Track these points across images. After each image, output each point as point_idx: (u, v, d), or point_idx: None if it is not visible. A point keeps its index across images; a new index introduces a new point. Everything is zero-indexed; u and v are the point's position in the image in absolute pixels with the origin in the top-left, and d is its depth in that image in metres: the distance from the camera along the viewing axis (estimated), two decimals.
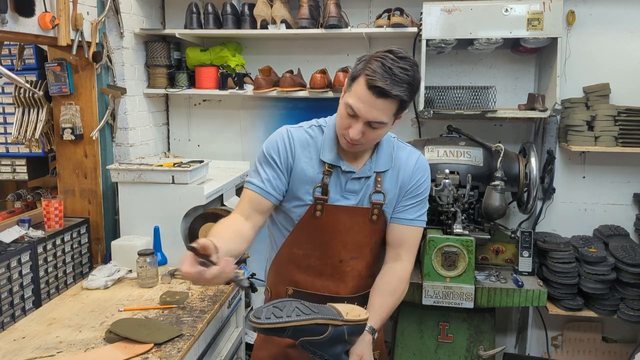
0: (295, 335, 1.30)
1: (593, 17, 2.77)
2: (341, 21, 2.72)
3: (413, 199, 1.54)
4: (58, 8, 2.18)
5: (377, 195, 1.50)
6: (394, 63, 1.30)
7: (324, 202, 1.47)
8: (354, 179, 1.49)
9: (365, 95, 1.31)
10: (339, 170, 1.48)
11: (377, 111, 1.33)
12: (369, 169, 1.49)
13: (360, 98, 1.32)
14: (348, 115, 1.36)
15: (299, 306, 1.31)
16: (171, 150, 3.30)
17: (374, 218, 1.51)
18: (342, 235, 1.50)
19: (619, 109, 2.63)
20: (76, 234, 2.48)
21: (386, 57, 1.31)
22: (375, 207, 1.50)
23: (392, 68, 1.29)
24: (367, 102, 1.32)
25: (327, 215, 1.48)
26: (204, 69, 2.96)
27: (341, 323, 1.30)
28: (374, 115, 1.34)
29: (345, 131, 1.39)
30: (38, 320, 1.84)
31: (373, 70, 1.30)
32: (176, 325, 1.78)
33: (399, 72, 1.30)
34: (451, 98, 2.73)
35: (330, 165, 1.47)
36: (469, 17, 2.53)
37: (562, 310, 2.61)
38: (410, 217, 1.54)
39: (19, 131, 2.59)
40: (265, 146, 1.52)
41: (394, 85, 1.29)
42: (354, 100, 1.34)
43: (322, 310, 1.32)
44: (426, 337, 2.51)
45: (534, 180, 2.52)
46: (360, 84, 1.32)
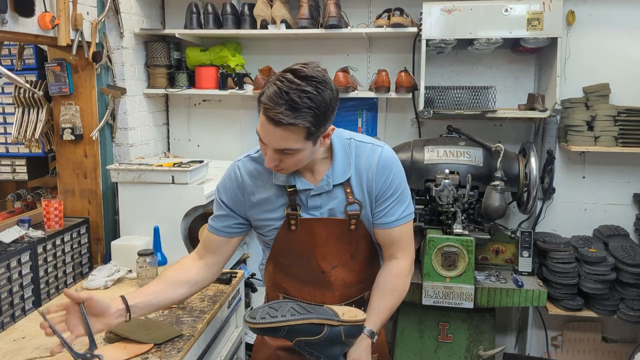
0: (290, 335, 1.29)
1: (593, 17, 2.77)
2: (341, 21, 2.72)
3: (387, 200, 1.43)
4: (58, 8, 2.18)
5: (352, 207, 1.42)
6: (291, 86, 1.17)
7: (297, 216, 1.43)
8: (314, 196, 1.41)
9: (265, 124, 1.22)
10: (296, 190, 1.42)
11: (281, 140, 1.23)
12: (327, 183, 1.40)
13: (263, 126, 1.24)
14: (261, 142, 1.30)
15: (295, 306, 1.31)
16: (171, 150, 3.30)
17: (352, 228, 1.45)
18: (320, 246, 1.45)
19: (619, 109, 2.63)
20: (76, 234, 2.48)
21: (284, 79, 1.18)
22: (352, 217, 1.42)
23: (289, 92, 1.17)
24: (267, 131, 1.23)
25: (302, 229, 1.44)
26: (204, 69, 2.96)
27: (337, 323, 1.29)
28: (279, 143, 1.24)
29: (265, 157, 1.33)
30: (38, 320, 1.83)
31: (268, 97, 1.19)
32: (176, 325, 1.78)
33: (297, 97, 1.17)
34: (451, 98, 2.73)
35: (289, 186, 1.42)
36: (469, 17, 2.53)
37: (562, 311, 2.61)
38: (390, 219, 1.44)
39: (18, 131, 2.59)
40: (217, 187, 1.55)
41: (291, 112, 1.17)
42: (259, 128, 1.26)
43: (318, 311, 1.31)
44: (426, 337, 2.51)
45: (533, 180, 2.52)
46: (261, 112, 1.23)
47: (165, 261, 2.41)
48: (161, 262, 2.35)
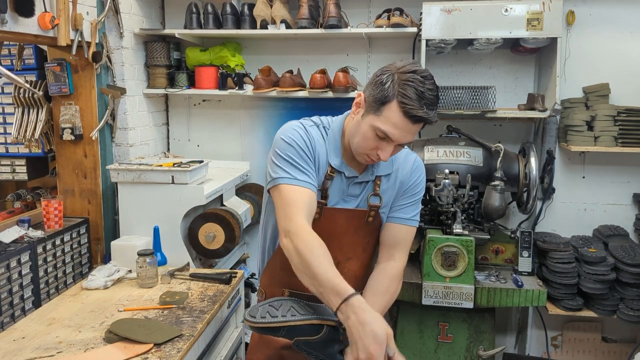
0: (290, 334, 1.29)
1: (593, 17, 2.77)
2: (341, 21, 2.72)
3: (410, 197, 1.54)
4: (58, 8, 2.18)
5: (374, 198, 1.50)
6: (423, 86, 1.28)
7: (322, 205, 1.46)
8: (356, 184, 1.49)
9: (402, 122, 1.30)
10: (343, 176, 1.47)
11: (412, 134, 1.34)
12: (371, 173, 1.49)
13: (396, 125, 1.31)
14: (377, 137, 1.34)
15: (295, 305, 1.31)
16: (171, 150, 3.30)
17: (370, 220, 1.51)
18: (339, 237, 1.50)
19: (619, 109, 2.63)
20: (76, 234, 2.48)
21: (415, 80, 1.29)
22: (372, 209, 1.50)
23: (424, 92, 1.28)
24: (403, 128, 1.31)
25: (325, 218, 1.47)
26: (204, 69, 2.96)
27: (336, 323, 1.29)
28: (408, 138, 1.34)
29: (371, 152, 1.38)
30: (38, 321, 1.84)
31: (409, 97, 1.28)
32: (176, 325, 1.78)
33: (430, 95, 1.29)
34: (451, 98, 2.73)
35: (332, 170, 1.46)
36: (469, 17, 2.53)
37: (561, 310, 2.61)
38: (406, 216, 1.54)
39: (18, 131, 2.59)
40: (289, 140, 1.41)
41: (430, 110, 1.29)
42: (389, 126, 1.31)
43: (317, 310, 1.31)
44: (426, 337, 2.51)
45: (533, 180, 2.52)
46: (395, 111, 1.30)
47: (165, 261, 2.41)
48: (161, 262, 2.35)
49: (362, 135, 1.37)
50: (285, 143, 1.42)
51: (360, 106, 1.40)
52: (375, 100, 1.33)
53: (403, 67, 1.31)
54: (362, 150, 1.39)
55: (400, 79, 1.29)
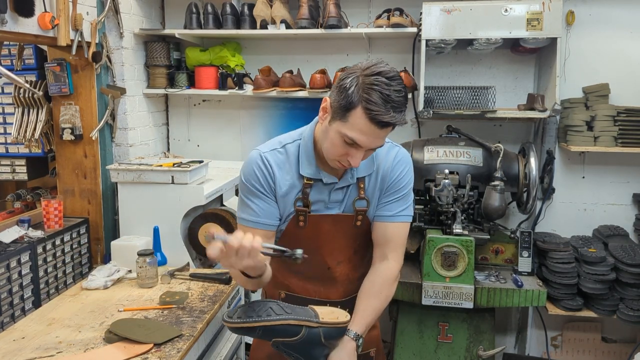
0: (267, 335, 1.27)
1: (592, 18, 2.77)
2: (341, 21, 2.72)
3: (394, 194, 1.48)
4: (58, 8, 2.18)
5: (360, 202, 1.46)
6: (389, 88, 1.22)
7: (306, 213, 1.44)
8: (337, 189, 1.45)
9: (369, 128, 1.24)
10: (320, 183, 1.44)
11: (381, 139, 1.30)
12: (351, 176, 1.45)
13: (363, 131, 1.25)
14: (345, 144, 1.29)
15: (273, 306, 1.28)
16: (171, 150, 3.30)
17: (358, 224, 1.48)
18: (327, 243, 1.47)
19: (619, 109, 2.63)
20: (76, 234, 2.48)
21: (380, 83, 1.22)
22: (359, 214, 1.47)
23: (390, 95, 1.22)
24: (371, 134, 1.26)
25: (310, 225, 1.45)
26: (204, 69, 2.96)
27: (316, 325, 1.27)
28: (378, 143, 1.30)
29: (341, 158, 1.33)
30: (38, 321, 1.84)
31: (374, 103, 1.21)
32: (176, 325, 1.78)
33: (397, 97, 1.23)
34: (451, 98, 2.73)
35: (309, 178, 1.43)
36: (469, 17, 2.53)
37: (561, 311, 2.61)
38: (391, 212, 1.47)
39: (18, 131, 2.60)
40: (245, 177, 1.44)
41: (397, 114, 1.23)
42: (356, 133, 1.26)
43: (296, 312, 1.29)
44: (426, 337, 2.51)
45: (533, 180, 2.52)
46: (360, 117, 1.23)
47: (165, 261, 2.41)
48: (161, 262, 2.35)
49: (330, 141, 1.32)
50: (241, 182, 1.45)
51: (326, 111, 1.34)
52: (340, 106, 1.27)
53: (367, 69, 1.25)
54: (332, 156, 1.35)
55: (365, 82, 1.23)
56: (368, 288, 1.47)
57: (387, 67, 1.26)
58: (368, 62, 1.27)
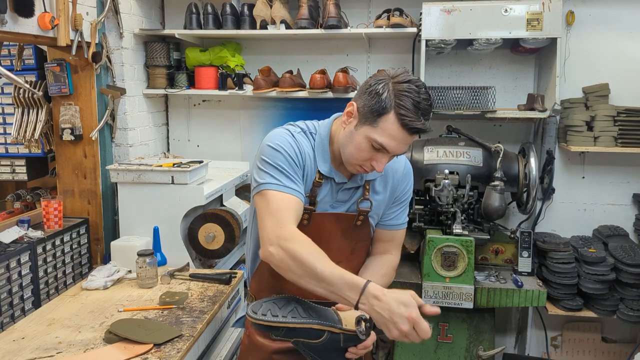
0: (290, 335, 1.27)
1: (592, 18, 2.77)
2: (341, 21, 2.72)
3: (401, 205, 1.56)
4: (57, 8, 2.18)
5: (364, 203, 1.48)
6: (419, 96, 1.27)
7: (311, 212, 1.45)
8: (345, 190, 1.47)
9: (400, 133, 1.28)
10: (332, 182, 1.45)
11: (406, 145, 1.34)
12: (360, 178, 1.47)
13: (394, 136, 1.29)
14: (372, 149, 1.32)
15: (298, 307, 1.29)
16: (171, 150, 3.30)
17: (358, 223, 1.50)
18: (327, 241, 1.47)
19: (618, 109, 2.63)
20: (76, 234, 2.48)
21: (411, 90, 1.27)
22: (361, 214, 1.49)
23: (420, 102, 1.27)
24: (400, 140, 1.30)
25: (313, 224, 1.46)
26: (204, 69, 2.96)
27: (338, 331, 1.26)
28: (403, 149, 1.34)
29: (365, 162, 1.35)
30: (37, 321, 1.84)
31: (406, 109, 1.26)
32: (176, 325, 1.78)
33: (425, 105, 1.28)
34: (451, 98, 2.73)
35: (321, 177, 1.43)
36: (469, 17, 2.53)
37: (561, 311, 2.61)
38: (398, 222, 1.57)
39: (18, 131, 2.60)
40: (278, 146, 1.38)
41: (426, 121, 1.29)
42: (386, 138, 1.29)
43: (321, 315, 1.29)
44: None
45: (533, 180, 2.52)
46: (392, 122, 1.27)
47: (164, 261, 2.40)
48: (161, 262, 2.35)
49: (356, 146, 1.33)
50: (272, 149, 1.38)
51: (352, 116, 1.35)
52: (371, 111, 1.29)
53: (397, 77, 1.29)
54: (355, 161, 1.36)
55: (397, 89, 1.27)
56: (375, 268, 1.53)
57: (414, 76, 1.32)
58: (395, 71, 1.31)
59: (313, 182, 1.44)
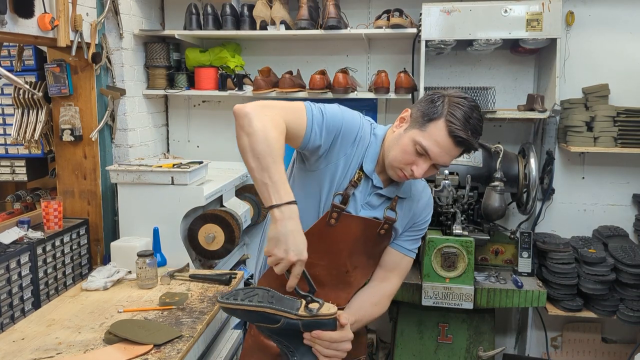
0: (249, 318, 1.31)
1: (592, 18, 2.78)
2: (340, 22, 2.72)
3: (417, 232, 1.57)
4: (57, 9, 2.18)
5: (390, 212, 1.49)
6: (472, 113, 1.32)
7: (341, 210, 1.44)
8: (377, 195, 1.47)
9: (446, 141, 1.32)
10: (370, 183, 1.46)
11: (451, 157, 1.36)
12: (393, 191, 1.49)
13: (439, 143, 1.33)
14: (416, 152, 1.35)
15: (261, 293, 1.30)
16: (170, 151, 3.30)
17: (381, 232, 1.49)
18: (351, 245, 1.48)
19: (618, 109, 2.63)
20: (75, 235, 2.48)
21: (465, 105, 1.33)
22: (387, 222, 1.48)
23: (471, 118, 1.32)
24: (444, 148, 1.33)
25: (341, 224, 1.45)
26: (203, 70, 2.96)
27: (294, 317, 1.27)
28: (446, 160, 1.36)
29: (406, 166, 1.37)
30: (37, 322, 1.84)
31: (457, 119, 1.31)
32: (175, 326, 1.78)
33: (477, 124, 1.33)
34: None
35: (360, 176, 1.44)
36: (468, 17, 2.53)
37: (561, 311, 2.61)
38: (410, 247, 1.57)
39: (18, 132, 2.60)
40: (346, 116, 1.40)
41: (473, 137, 1.33)
42: (431, 143, 1.33)
43: (280, 302, 1.28)
44: (426, 338, 2.51)
45: (533, 181, 2.52)
46: (440, 128, 1.32)
47: (164, 262, 2.41)
48: (160, 263, 2.35)
49: (402, 148, 1.37)
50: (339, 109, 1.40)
51: (404, 121, 1.41)
52: (422, 115, 1.35)
53: (455, 93, 1.36)
54: (397, 163, 1.38)
55: (452, 101, 1.33)
56: (366, 297, 1.52)
57: (471, 97, 1.38)
58: (455, 91, 1.38)
59: (351, 181, 1.43)
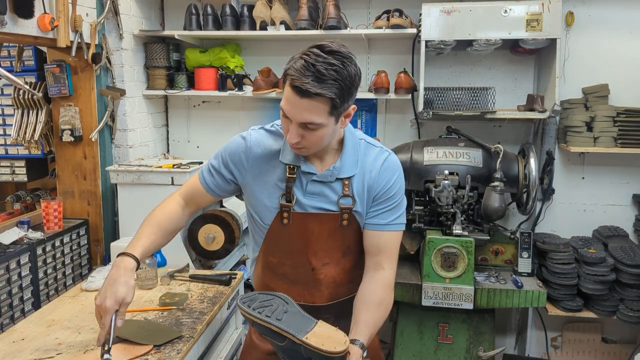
0: (259, 329, 1.30)
1: (592, 18, 2.78)
2: (340, 22, 2.72)
3: (384, 202, 1.44)
4: (57, 9, 2.18)
5: (345, 199, 1.42)
6: (318, 59, 1.22)
7: (289, 208, 1.42)
8: (315, 181, 1.42)
9: (291, 96, 1.25)
10: (300, 173, 1.42)
11: (305, 112, 1.25)
12: (330, 174, 1.41)
13: (288, 99, 1.27)
14: (284, 117, 1.31)
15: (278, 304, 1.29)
16: (170, 151, 3.30)
17: (344, 223, 1.43)
18: (312, 242, 1.45)
19: (618, 109, 2.63)
20: (75, 235, 2.48)
21: (311, 53, 1.24)
22: (344, 212, 1.42)
23: (316, 64, 1.21)
24: (293, 103, 1.25)
25: (294, 222, 1.43)
26: (203, 70, 2.97)
27: (298, 342, 1.23)
28: (304, 116, 1.26)
29: (286, 135, 1.33)
30: (37, 322, 1.83)
31: (296, 69, 1.23)
32: (175, 326, 1.78)
33: (323, 69, 1.21)
34: (450, 99, 2.73)
35: (291, 169, 1.41)
36: (468, 18, 2.53)
37: (561, 311, 2.61)
38: (382, 221, 1.44)
39: (18, 133, 2.60)
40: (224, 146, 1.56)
41: (317, 83, 1.21)
42: (284, 102, 1.28)
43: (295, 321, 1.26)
44: (426, 338, 2.51)
45: (533, 181, 2.52)
46: (287, 85, 1.26)
47: (164, 262, 2.40)
48: (160, 263, 2.35)
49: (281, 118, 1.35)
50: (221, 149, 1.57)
51: None
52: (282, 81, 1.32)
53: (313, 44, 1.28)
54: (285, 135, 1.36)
55: (300, 54, 1.26)
56: (369, 298, 1.42)
57: (335, 44, 1.28)
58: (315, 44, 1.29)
59: (286, 179, 1.42)
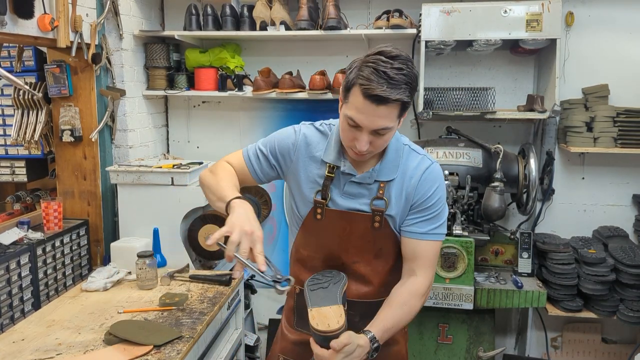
0: None
1: (592, 19, 2.78)
2: (340, 22, 2.72)
3: (422, 211, 1.44)
4: (57, 10, 2.18)
5: (378, 201, 1.43)
6: (387, 65, 1.23)
7: (323, 205, 1.46)
8: (353, 182, 1.44)
9: (364, 104, 1.26)
10: (340, 173, 1.45)
11: (380, 118, 1.27)
12: (369, 176, 1.43)
13: (360, 109, 1.27)
14: (350, 127, 1.31)
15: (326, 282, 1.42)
16: (170, 151, 3.30)
17: (376, 225, 1.44)
18: (344, 239, 1.48)
19: (618, 110, 2.63)
20: (75, 235, 2.48)
21: (378, 60, 1.24)
22: (376, 214, 1.43)
23: (387, 71, 1.23)
24: (367, 112, 1.26)
25: (327, 219, 1.47)
26: (203, 70, 2.96)
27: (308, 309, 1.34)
28: (378, 123, 1.28)
29: (351, 143, 1.34)
30: (37, 322, 1.84)
31: (367, 78, 1.24)
32: (175, 327, 1.78)
33: (394, 74, 1.23)
34: (450, 99, 2.73)
35: (331, 168, 1.44)
36: (468, 18, 2.53)
37: (561, 312, 2.61)
38: (420, 230, 1.44)
39: (18, 133, 2.60)
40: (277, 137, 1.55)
41: (392, 89, 1.23)
42: (354, 112, 1.28)
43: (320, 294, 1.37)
44: (426, 339, 2.51)
45: (533, 181, 2.52)
46: (356, 94, 1.26)
47: (164, 263, 2.41)
48: (160, 263, 2.35)
49: (342, 127, 1.36)
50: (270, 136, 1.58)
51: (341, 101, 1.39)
52: (343, 89, 1.32)
53: (370, 51, 1.29)
54: (345, 143, 1.38)
55: (363, 62, 1.27)
56: (393, 298, 1.44)
57: (392, 48, 1.29)
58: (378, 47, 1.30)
59: (325, 177, 1.45)
